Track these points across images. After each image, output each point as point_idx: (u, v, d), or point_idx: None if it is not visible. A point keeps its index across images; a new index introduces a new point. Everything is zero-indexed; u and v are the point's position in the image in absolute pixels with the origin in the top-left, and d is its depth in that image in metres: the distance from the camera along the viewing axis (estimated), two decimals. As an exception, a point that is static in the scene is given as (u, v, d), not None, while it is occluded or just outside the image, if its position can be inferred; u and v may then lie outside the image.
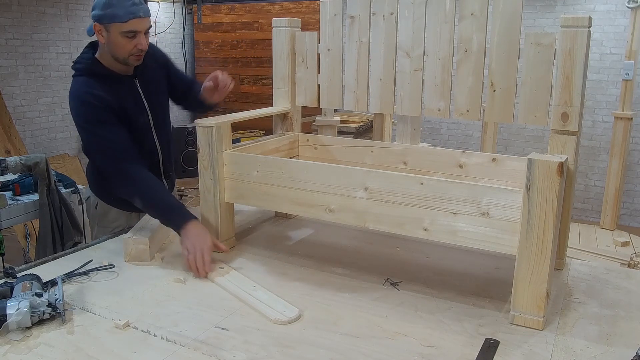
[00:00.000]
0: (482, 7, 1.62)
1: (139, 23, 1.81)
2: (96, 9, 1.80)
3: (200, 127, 1.76)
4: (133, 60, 1.87)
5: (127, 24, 1.78)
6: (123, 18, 1.77)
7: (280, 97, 2.09)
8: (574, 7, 5.84)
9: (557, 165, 1.29)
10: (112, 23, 1.78)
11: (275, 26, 2.04)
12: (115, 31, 1.79)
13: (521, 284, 1.38)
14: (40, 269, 1.68)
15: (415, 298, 1.53)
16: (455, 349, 1.28)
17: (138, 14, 1.80)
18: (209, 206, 1.81)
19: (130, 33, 1.80)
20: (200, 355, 1.24)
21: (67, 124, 6.49)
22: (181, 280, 1.62)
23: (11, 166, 2.54)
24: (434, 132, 6.85)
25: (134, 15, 1.79)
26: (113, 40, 1.81)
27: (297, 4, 6.73)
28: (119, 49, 1.83)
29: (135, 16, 1.79)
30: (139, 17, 1.80)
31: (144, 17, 1.82)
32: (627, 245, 4.89)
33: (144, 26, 1.83)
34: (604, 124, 5.95)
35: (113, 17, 1.77)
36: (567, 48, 1.46)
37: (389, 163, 1.95)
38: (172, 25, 7.70)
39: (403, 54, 1.80)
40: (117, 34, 1.80)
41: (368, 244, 1.93)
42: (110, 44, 1.83)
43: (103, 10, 1.78)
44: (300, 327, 1.37)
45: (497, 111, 1.65)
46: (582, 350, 1.28)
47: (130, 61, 1.88)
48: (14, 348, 1.25)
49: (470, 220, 1.42)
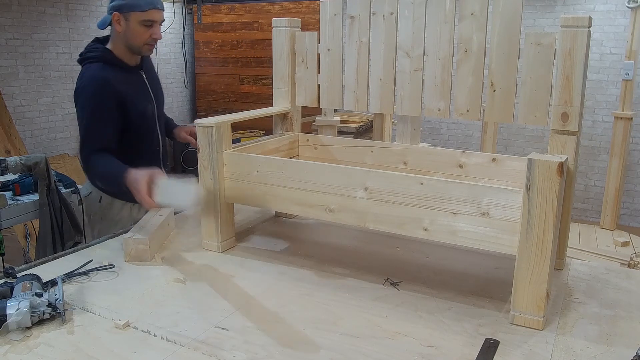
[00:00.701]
0: (482, 7, 1.62)
1: (156, 13, 2.02)
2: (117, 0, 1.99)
3: (200, 127, 1.76)
4: (146, 49, 2.07)
5: (146, 13, 1.99)
6: (143, 7, 1.98)
7: (280, 97, 2.09)
8: (574, 7, 5.84)
9: (557, 165, 1.29)
10: (132, 12, 1.98)
11: (275, 26, 2.04)
12: (134, 20, 1.99)
13: (521, 284, 1.38)
14: (40, 269, 1.68)
15: (415, 298, 1.53)
16: (455, 349, 1.28)
17: (156, 5, 2.01)
18: (209, 206, 1.81)
19: (148, 22, 2.00)
20: (200, 355, 1.24)
21: (67, 124, 6.50)
22: (181, 280, 1.62)
23: (11, 166, 2.54)
24: (434, 132, 6.85)
25: (153, 6, 2.00)
26: (131, 28, 2.00)
27: (297, 4, 6.73)
28: (136, 37, 2.02)
29: (154, 7, 2.00)
30: (157, 9, 2.01)
31: (160, 9, 2.03)
32: (627, 245, 4.89)
33: (160, 17, 2.04)
34: (604, 124, 5.96)
35: (133, 6, 1.97)
36: (567, 48, 1.46)
37: (389, 163, 1.96)
38: (172, 25, 7.70)
39: (403, 54, 1.80)
40: (136, 22, 1.99)
41: (368, 244, 1.93)
42: (128, 32, 2.01)
43: (124, 0, 1.97)
44: (300, 327, 1.37)
45: (497, 111, 1.65)
46: (582, 350, 1.28)
47: (143, 50, 2.07)
48: (14, 348, 1.25)
49: (470, 220, 1.42)
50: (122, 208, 2.21)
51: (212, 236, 1.84)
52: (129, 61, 2.09)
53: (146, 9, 1.98)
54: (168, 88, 7.52)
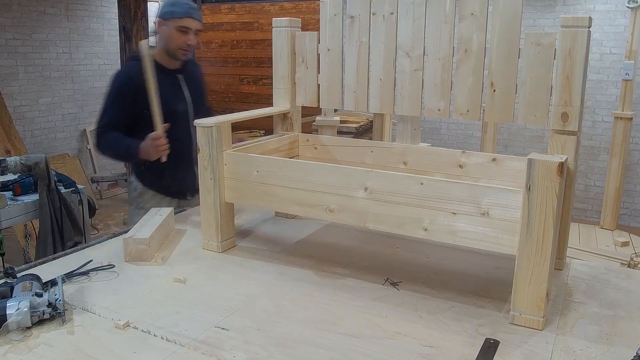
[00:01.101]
0: (482, 7, 1.62)
1: (191, 22, 2.31)
2: (161, 9, 2.34)
3: (200, 127, 1.76)
4: (181, 53, 2.35)
5: (182, 20, 2.29)
6: (180, 15, 2.29)
7: (280, 97, 2.09)
8: (574, 7, 5.84)
9: (557, 165, 1.29)
10: (171, 18, 2.29)
11: (275, 26, 2.04)
12: (172, 25, 2.30)
13: (521, 284, 1.38)
14: (40, 269, 1.68)
15: (415, 298, 1.53)
16: (455, 349, 1.28)
17: (192, 15, 2.31)
18: (209, 206, 1.81)
19: (184, 28, 2.30)
20: (200, 355, 1.24)
21: (67, 124, 6.50)
22: (181, 280, 1.62)
23: (11, 166, 2.54)
24: (434, 132, 6.85)
25: (189, 15, 2.30)
26: (169, 33, 2.31)
27: (297, 4, 6.73)
28: (172, 41, 2.32)
29: (190, 16, 2.30)
30: (192, 18, 2.31)
31: (195, 19, 2.32)
32: (627, 245, 4.89)
33: (194, 25, 2.32)
34: (604, 124, 5.96)
35: (172, 14, 2.30)
36: (567, 48, 1.46)
37: (389, 163, 1.96)
38: (172, 25, 7.68)
39: (403, 54, 1.80)
40: (173, 28, 2.30)
41: (368, 244, 1.93)
42: (166, 36, 2.33)
43: (166, 8, 2.31)
44: (300, 327, 1.37)
45: (497, 111, 1.65)
46: (582, 350, 1.28)
47: (178, 54, 2.36)
48: (14, 348, 1.25)
49: (470, 220, 1.42)
50: (151, 199, 2.47)
51: (212, 236, 1.84)
52: (167, 65, 2.39)
53: (182, 17, 2.29)
54: (168, 88, 7.50)
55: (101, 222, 5.76)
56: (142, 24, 4.10)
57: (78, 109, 6.59)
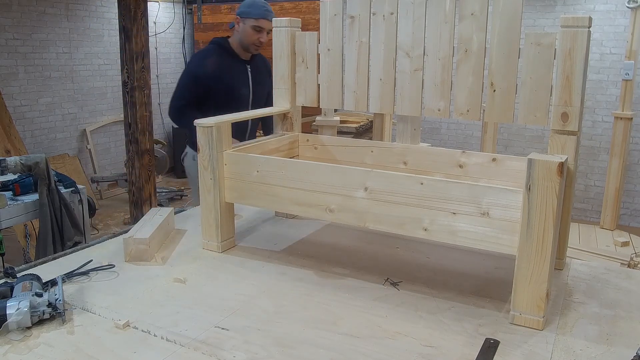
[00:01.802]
0: (482, 7, 1.62)
1: (265, 22, 2.73)
2: (241, 7, 2.78)
3: (200, 127, 1.76)
4: (253, 48, 2.81)
5: (257, 20, 2.73)
6: (256, 15, 2.73)
7: (280, 97, 2.09)
8: (574, 7, 5.84)
9: (557, 165, 1.29)
10: (248, 17, 2.74)
11: (275, 26, 2.04)
12: (248, 24, 2.74)
13: (521, 284, 1.38)
14: (40, 269, 1.68)
15: (415, 298, 1.53)
16: (455, 349, 1.28)
17: (267, 16, 2.73)
18: (209, 206, 1.81)
19: (258, 27, 2.74)
20: (200, 355, 1.24)
21: (67, 124, 6.50)
22: (181, 280, 1.62)
23: (11, 166, 2.54)
24: (434, 132, 6.85)
25: (264, 16, 2.73)
26: (245, 30, 2.76)
27: (297, 4, 6.73)
28: (247, 37, 2.77)
29: (264, 17, 2.73)
30: (267, 19, 2.72)
31: (269, 20, 2.65)
32: (627, 245, 4.89)
33: (267, 26, 2.71)
34: (604, 124, 5.96)
35: (249, 14, 2.74)
36: (567, 48, 1.46)
37: (389, 163, 1.96)
38: (172, 25, 7.71)
39: (403, 54, 1.80)
40: (249, 26, 2.74)
41: (368, 244, 1.93)
42: (242, 32, 2.78)
43: (245, 8, 2.76)
44: (300, 327, 1.37)
45: (497, 111, 1.65)
46: (582, 350, 1.28)
47: (251, 49, 2.81)
48: (14, 348, 1.25)
49: (470, 220, 1.42)
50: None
51: (212, 236, 1.84)
52: (240, 54, 2.85)
53: (258, 18, 2.72)
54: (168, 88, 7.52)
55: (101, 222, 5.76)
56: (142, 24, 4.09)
57: (78, 109, 6.59)
